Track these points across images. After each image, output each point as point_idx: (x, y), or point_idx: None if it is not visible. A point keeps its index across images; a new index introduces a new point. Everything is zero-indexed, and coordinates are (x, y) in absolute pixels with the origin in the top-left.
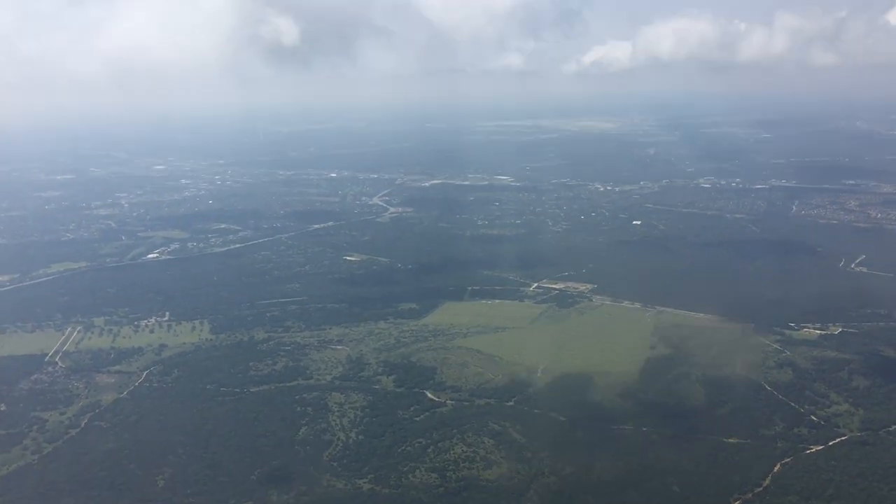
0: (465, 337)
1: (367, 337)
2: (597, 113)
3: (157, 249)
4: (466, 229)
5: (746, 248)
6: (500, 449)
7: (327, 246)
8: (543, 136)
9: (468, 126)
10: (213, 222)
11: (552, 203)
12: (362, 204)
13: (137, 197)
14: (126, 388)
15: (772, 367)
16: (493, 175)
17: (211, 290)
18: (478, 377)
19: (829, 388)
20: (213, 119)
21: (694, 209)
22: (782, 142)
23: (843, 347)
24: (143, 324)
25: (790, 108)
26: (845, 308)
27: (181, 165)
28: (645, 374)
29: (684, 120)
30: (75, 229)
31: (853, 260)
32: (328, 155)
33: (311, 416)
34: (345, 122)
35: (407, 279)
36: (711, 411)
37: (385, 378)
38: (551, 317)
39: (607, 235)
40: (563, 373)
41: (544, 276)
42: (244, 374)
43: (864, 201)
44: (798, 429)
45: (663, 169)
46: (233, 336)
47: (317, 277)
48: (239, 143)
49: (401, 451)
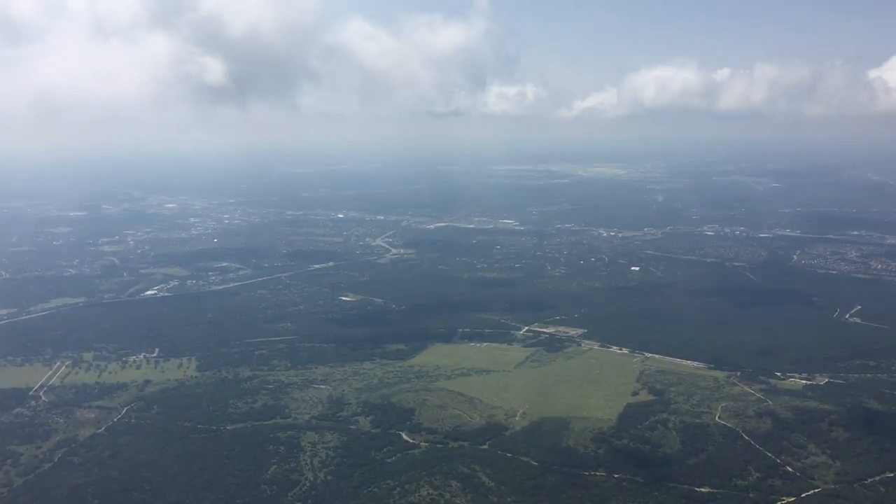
0: (448, 379)
1: (352, 377)
2: (608, 159)
3: (156, 286)
4: (465, 272)
5: (742, 296)
6: (466, 492)
7: (324, 286)
8: (553, 182)
9: (480, 170)
10: (215, 261)
11: (553, 248)
12: (365, 245)
13: (145, 234)
14: (104, 424)
15: (751, 416)
16: (498, 219)
17: (203, 327)
18: (455, 419)
19: (807, 438)
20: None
21: (694, 256)
22: (791, 191)
23: (826, 398)
24: (132, 360)
25: (802, 158)
26: (834, 358)
27: (192, 204)
28: (623, 420)
29: (695, 168)
30: (79, 265)
31: (848, 310)
32: (338, 196)
33: (282, 455)
34: (356, 165)
35: (399, 320)
36: (685, 459)
37: (363, 418)
38: (538, 360)
39: (604, 281)
40: (541, 417)
41: (536, 319)
42: (223, 411)
43: (866, 252)
44: (772, 479)
45: (669, 216)
46: (218, 374)
47: (310, 317)
48: (253, 183)
49: (367, 492)
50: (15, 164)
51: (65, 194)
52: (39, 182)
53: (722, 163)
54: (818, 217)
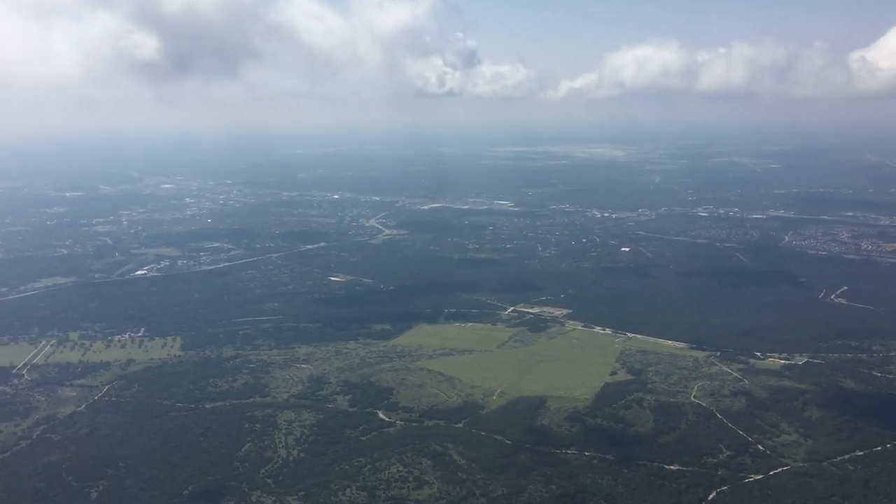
0: (430, 359)
1: (334, 356)
2: (607, 140)
3: (146, 266)
4: (455, 253)
5: (729, 276)
6: (437, 470)
7: (315, 266)
8: (551, 163)
9: (478, 151)
10: (207, 241)
11: (546, 228)
12: (358, 226)
13: (139, 215)
14: (85, 402)
15: (726, 395)
16: (493, 200)
17: (190, 307)
18: (432, 399)
19: (781, 417)
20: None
21: (685, 237)
22: (789, 172)
23: (803, 378)
24: (117, 339)
25: (801, 139)
26: (815, 339)
27: (188, 185)
28: (599, 400)
29: (694, 149)
30: (71, 245)
31: (834, 291)
32: (335, 177)
33: (257, 432)
34: (354, 146)
35: (386, 300)
36: (658, 438)
37: (341, 397)
38: (520, 340)
39: (593, 261)
40: (518, 396)
41: (522, 300)
42: (202, 390)
43: (858, 233)
44: (742, 457)
45: (665, 197)
46: (201, 353)
47: (297, 297)
48: (251, 164)
49: (338, 469)
50: (13, 145)
51: (62, 175)
52: (37, 163)
53: (720, 144)
54: (813, 198)
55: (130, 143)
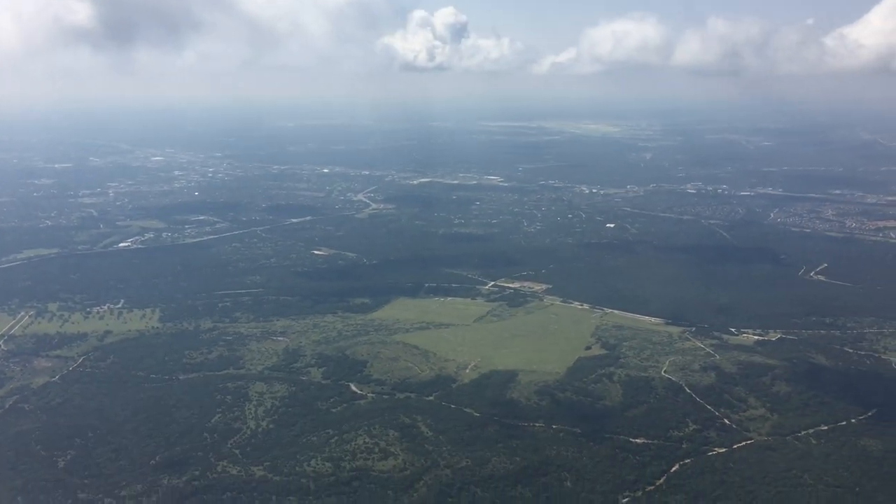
0: (406, 332)
1: (311, 329)
2: (602, 116)
3: (130, 238)
4: (441, 227)
5: (711, 253)
6: (403, 441)
7: (299, 240)
8: (545, 139)
9: (473, 126)
10: (193, 214)
11: (533, 204)
12: (346, 200)
13: (127, 187)
14: (59, 373)
15: (696, 370)
16: (483, 175)
17: (171, 279)
18: (405, 372)
19: (749, 392)
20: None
21: (671, 214)
22: (781, 150)
23: (774, 353)
24: (96, 310)
25: (796, 117)
26: (790, 315)
27: (178, 157)
28: (570, 374)
29: (689, 126)
30: (56, 217)
31: (814, 268)
32: (326, 150)
33: (228, 404)
34: (347, 120)
35: (367, 274)
36: (625, 411)
37: (315, 370)
38: (498, 315)
39: (577, 237)
40: (491, 370)
41: (503, 275)
42: (177, 362)
43: (843, 211)
44: (707, 431)
45: (655, 173)
46: (179, 325)
47: (279, 270)
48: (242, 137)
49: (305, 441)
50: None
51: (52, 147)
52: (26, 134)
53: (714, 121)
54: (803, 176)
55: (122, 116)
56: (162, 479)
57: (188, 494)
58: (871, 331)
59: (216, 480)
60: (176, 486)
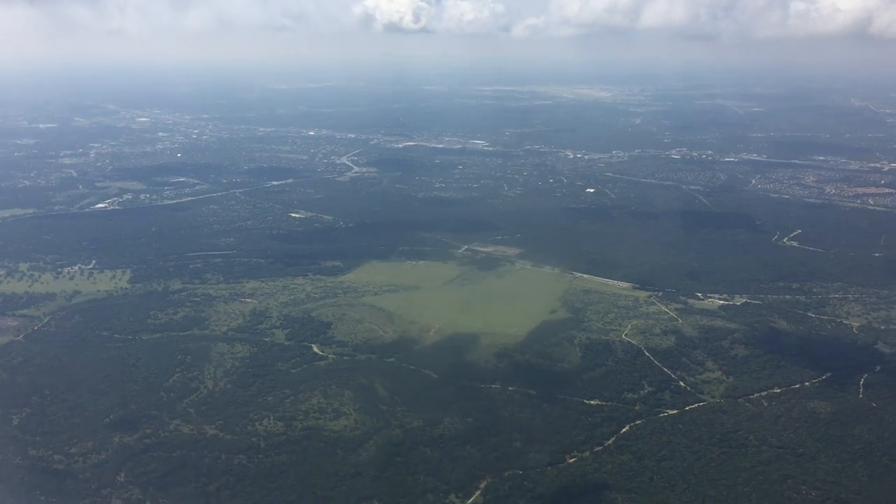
0: (375, 295)
1: (280, 291)
2: (595, 80)
3: (108, 199)
4: (421, 191)
5: (688, 219)
6: (357, 402)
7: (277, 202)
8: (536, 103)
9: (465, 90)
10: (173, 175)
11: (515, 168)
12: (329, 163)
13: (110, 147)
14: (24, 332)
15: (657, 334)
16: (469, 139)
17: (144, 241)
18: (368, 333)
19: (707, 356)
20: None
21: (652, 179)
22: (771, 116)
23: (736, 318)
24: (66, 271)
25: (791, 82)
26: (758, 280)
27: (164, 118)
28: (532, 337)
29: (680, 91)
30: (35, 177)
31: (787, 234)
32: (315, 113)
33: (188, 364)
34: (340, 82)
35: (342, 237)
36: (582, 374)
37: (279, 331)
38: (468, 279)
39: (556, 202)
40: (454, 332)
41: (477, 239)
42: (142, 322)
43: (824, 177)
44: (662, 394)
45: (641, 138)
46: (148, 286)
47: (255, 232)
48: (232, 99)
49: (261, 400)
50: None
51: (37, 106)
52: (9, 93)
53: (706, 87)
54: (788, 142)
55: (111, 77)
56: (113, 436)
57: (138, 452)
58: (836, 296)
59: (167, 438)
60: (127, 443)
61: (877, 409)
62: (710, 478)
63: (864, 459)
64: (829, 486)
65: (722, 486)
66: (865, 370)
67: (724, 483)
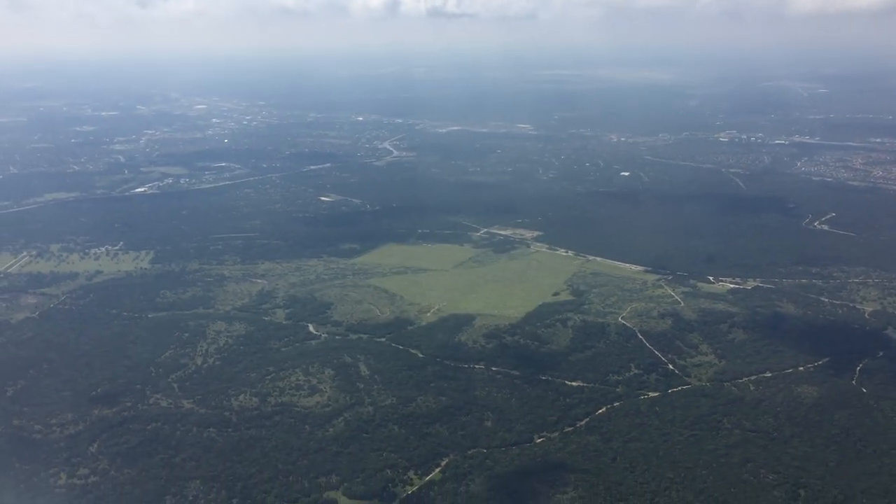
0: (383, 276)
1: (292, 273)
2: (658, 63)
3: (148, 184)
4: (454, 175)
5: (719, 202)
6: (336, 380)
7: (311, 186)
8: (593, 87)
9: (524, 74)
10: (216, 161)
11: (553, 152)
12: (371, 147)
13: (162, 134)
14: (40, 309)
15: (654, 317)
16: (515, 123)
17: (174, 223)
18: (366, 314)
19: (702, 339)
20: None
21: (692, 162)
22: (835, 97)
23: (741, 301)
24: (93, 252)
25: (861, 63)
26: (776, 264)
27: (221, 105)
28: (526, 319)
29: (746, 73)
30: (84, 162)
31: (819, 217)
32: (369, 100)
33: (183, 341)
34: (400, 69)
35: (365, 220)
36: (570, 356)
37: (280, 311)
38: (480, 261)
39: (588, 185)
40: (452, 314)
41: (499, 222)
42: (151, 301)
43: (874, 160)
44: (648, 376)
45: (692, 121)
46: (168, 266)
47: (282, 215)
48: (290, 85)
49: (243, 377)
50: (56, 65)
51: (103, 95)
52: (79, 82)
53: (770, 68)
54: (847, 124)
55: (179, 66)
56: (94, 409)
57: (115, 424)
58: (856, 280)
59: (144, 412)
60: (105, 416)
61: (865, 395)
62: (671, 460)
63: (837, 445)
64: (792, 470)
65: (681, 469)
66: (867, 355)
67: (683, 465)
